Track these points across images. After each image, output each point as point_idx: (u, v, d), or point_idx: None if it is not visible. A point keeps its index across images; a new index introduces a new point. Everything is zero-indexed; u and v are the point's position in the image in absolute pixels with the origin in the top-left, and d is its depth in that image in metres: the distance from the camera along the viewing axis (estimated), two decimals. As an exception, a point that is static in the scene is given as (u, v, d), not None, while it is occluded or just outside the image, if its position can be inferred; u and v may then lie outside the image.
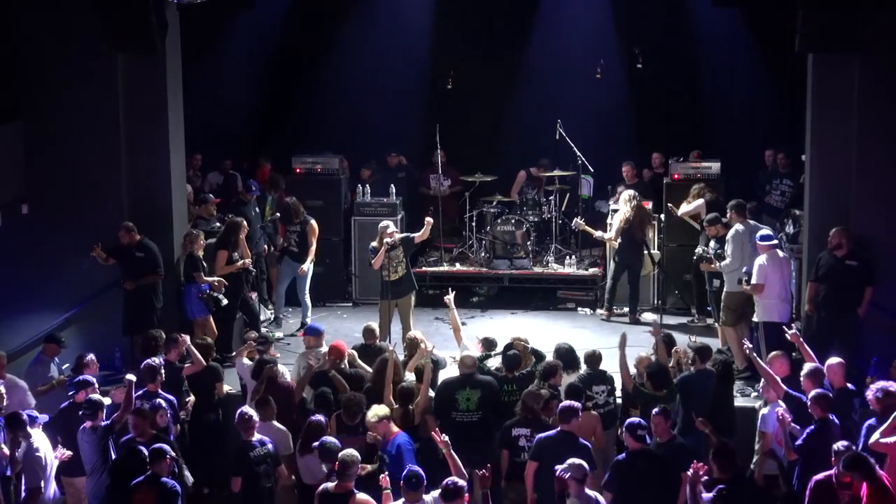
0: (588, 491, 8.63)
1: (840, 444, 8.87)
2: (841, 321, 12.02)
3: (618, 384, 10.93)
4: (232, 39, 17.30)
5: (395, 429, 9.84)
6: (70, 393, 10.64)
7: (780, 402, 10.00)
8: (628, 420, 9.49)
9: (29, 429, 9.79)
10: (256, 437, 9.79)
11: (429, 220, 13.33)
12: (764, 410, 10.27)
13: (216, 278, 12.90)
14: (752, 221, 12.88)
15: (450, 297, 11.98)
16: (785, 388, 10.07)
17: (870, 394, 9.76)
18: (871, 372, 11.69)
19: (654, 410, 9.58)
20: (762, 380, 10.44)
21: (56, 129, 13.16)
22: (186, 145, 14.02)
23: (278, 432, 10.09)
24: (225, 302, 12.96)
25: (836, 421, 9.58)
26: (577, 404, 9.63)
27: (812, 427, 9.49)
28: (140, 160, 13.24)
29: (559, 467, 8.58)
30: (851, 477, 8.53)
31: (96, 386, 10.48)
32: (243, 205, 14.64)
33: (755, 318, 12.21)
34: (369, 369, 11.05)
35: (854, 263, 11.96)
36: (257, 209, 14.89)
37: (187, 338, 11.30)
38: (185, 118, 13.78)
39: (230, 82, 17.63)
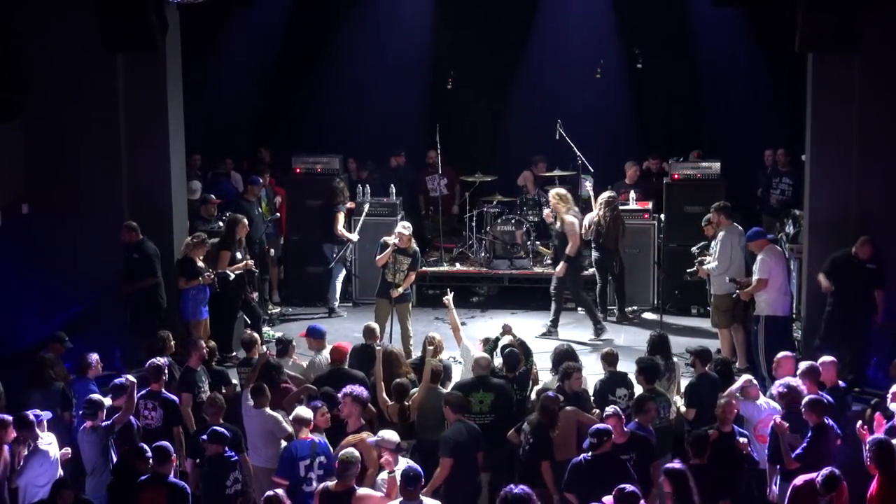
0: (402, 459, 9.13)
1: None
2: (852, 323, 11.96)
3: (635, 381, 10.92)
4: (232, 39, 17.29)
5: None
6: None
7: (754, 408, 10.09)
8: (593, 427, 9.39)
9: (37, 430, 9.79)
10: (221, 424, 9.93)
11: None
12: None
13: (206, 273, 12.90)
14: (738, 226, 12.88)
15: (448, 298, 11.99)
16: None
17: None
18: (872, 372, 11.72)
19: (607, 412, 9.51)
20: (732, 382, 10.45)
21: (56, 129, 13.16)
22: (186, 145, 14.02)
23: (269, 419, 10.08)
24: (233, 276, 12.99)
25: (833, 424, 9.58)
26: (455, 416, 9.77)
27: (809, 435, 9.48)
28: (140, 160, 13.24)
29: (372, 438, 9.22)
30: (872, 461, 8.64)
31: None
32: (248, 203, 14.67)
33: (756, 312, 12.17)
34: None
35: (873, 267, 11.90)
36: (260, 209, 14.91)
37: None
38: (185, 118, 13.77)
39: (230, 82, 17.62)
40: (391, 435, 9.22)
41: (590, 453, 9.14)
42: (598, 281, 14.70)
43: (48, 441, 9.81)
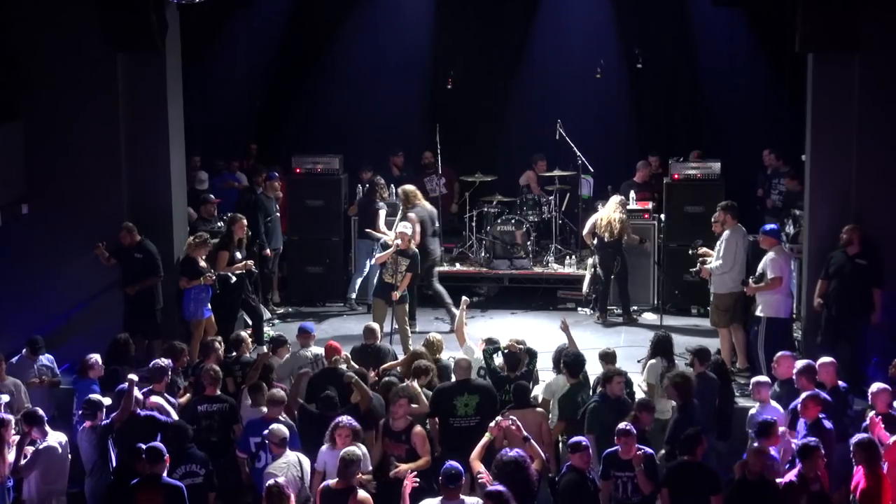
0: (289, 452, 9.46)
1: (810, 439, 9.06)
2: (849, 321, 11.96)
3: (634, 381, 10.92)
4: (232, 39, 17.31)
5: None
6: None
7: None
8: (572, 438, 9.35)
9: (46, 426, 9.82)
10: (218, 395, 10.41)
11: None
12: (753, 411, 10.24)
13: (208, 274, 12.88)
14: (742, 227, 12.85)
15: (466, 300, 12.15)
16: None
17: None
18: (871, 372, 11.71)
19: (622, 427, 9.34)
20: (752, 380, 10.44)
21: (56, 129, 13.15)
22: (186, 145, 14.01)
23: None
24: (234, 279, 12.99)
25: (830, 425, 9.58)
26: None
27: (804, 432, 9.53)
28: (140, 160, 13.22)
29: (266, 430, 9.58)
30: (857, 456, 8.78)
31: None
32: (267, 199, 14.68)
33: (758, 313, 12.13)
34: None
35: (864, 262, 11.89)
36: (277, 205, 14.91)
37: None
38: (185, 118, 13.77)
39: (230, 82, 17.63)
40: (279, 428, 9.46)
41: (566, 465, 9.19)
42: (602, 280, 14.69)
43: (57, 439, 9.84)
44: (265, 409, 10.13)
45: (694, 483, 9.01)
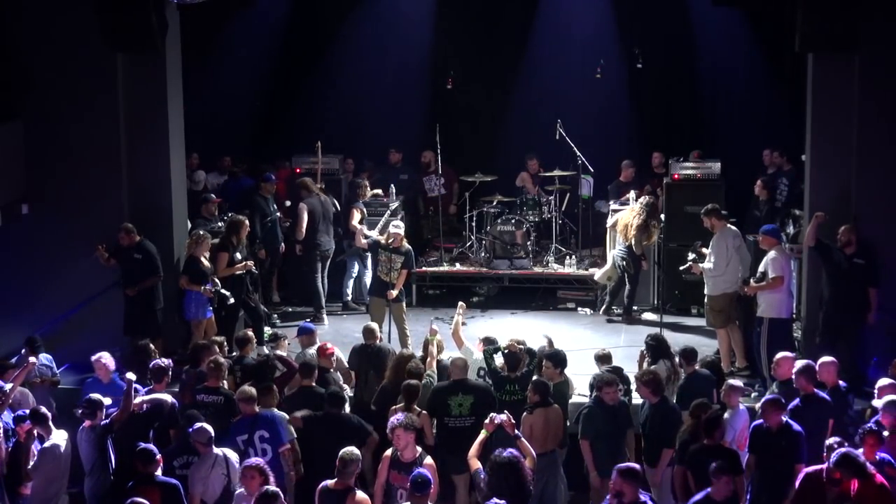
0: (216, 450, 9.39)
1: (833, 440, 8.97)
2: (846, 320, 11.96)
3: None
4: (232, 39, 17.30)
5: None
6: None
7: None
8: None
9: (51, 425, 9.83)
10: (217, 387, 10.49)
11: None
12: (726, 415, 10.09)
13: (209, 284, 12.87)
14: (732, 227, 12.85)
15: (462, 305, 12.09)
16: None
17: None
18: (872, 372, 11.72)
19: (719, 465, 8.72)
20: (725, 383, 10.42)
21: (56, 129, 13.16)
22: (186, 145, 14.02)
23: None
24: (232, 301, 12.93)
25: (797, 427, 9.57)
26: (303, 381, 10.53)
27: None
28: (140, 160, 13.24)
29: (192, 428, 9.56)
30: (841, 474, 8.58)
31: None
32: (263, 199, 14.69)
33: (760, 314, 12.10)
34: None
35: (861, 262, 11.90)
36: (274, 206, 14.92)
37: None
38: (185, 118, 13.78)
39: (230, 82, 17.62)
40: (204, 428, 9.44)
41: None
42: (615, 278, 14.67)
43: (60, 438, 9.84)
44: (276, 411, 10.13)
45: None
